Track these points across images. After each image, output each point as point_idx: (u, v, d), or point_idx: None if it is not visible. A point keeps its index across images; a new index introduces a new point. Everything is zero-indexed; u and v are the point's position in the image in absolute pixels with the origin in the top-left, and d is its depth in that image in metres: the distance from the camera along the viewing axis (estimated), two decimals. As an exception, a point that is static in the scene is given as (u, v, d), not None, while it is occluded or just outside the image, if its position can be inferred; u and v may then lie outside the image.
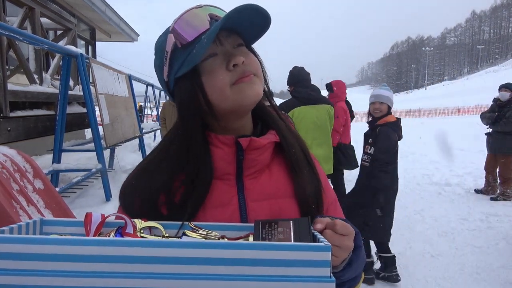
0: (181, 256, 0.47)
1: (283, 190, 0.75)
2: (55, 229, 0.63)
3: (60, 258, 0.46)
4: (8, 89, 3.09)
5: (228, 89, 0.68)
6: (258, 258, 0.47)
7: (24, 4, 3.89)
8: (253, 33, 0.74)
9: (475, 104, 26.71)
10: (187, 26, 0.68)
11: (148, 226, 0.62)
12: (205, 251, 0.47)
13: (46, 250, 0.46)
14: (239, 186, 0.74)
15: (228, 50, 0.70)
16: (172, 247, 0.47)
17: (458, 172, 7.16)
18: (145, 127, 7.37)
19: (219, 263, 0.47)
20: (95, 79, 3.95)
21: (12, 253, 0.46)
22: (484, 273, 3.26)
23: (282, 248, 0.48)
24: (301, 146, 0.82)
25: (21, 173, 2.04)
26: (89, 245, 0.47)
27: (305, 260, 0.47)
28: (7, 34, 2.71)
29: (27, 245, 0.46)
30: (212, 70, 0.69)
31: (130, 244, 0.47)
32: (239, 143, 0.72)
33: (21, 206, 1.84)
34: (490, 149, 5.71)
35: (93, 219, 0.59)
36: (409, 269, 3.40)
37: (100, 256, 0.46)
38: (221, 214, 0.71)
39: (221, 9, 0.72)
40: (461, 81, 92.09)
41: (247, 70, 0.69)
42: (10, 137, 3.14)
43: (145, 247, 0.46)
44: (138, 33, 10.85)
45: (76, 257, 0.46)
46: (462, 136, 12.10)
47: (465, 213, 4.86)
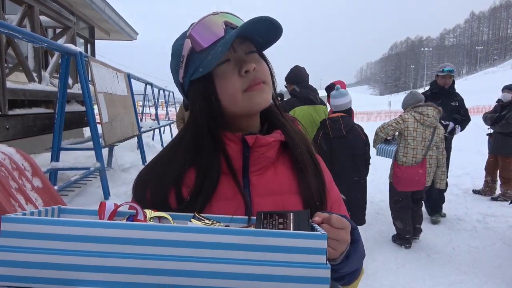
0: (188, 240, 0.50)
1: (288, 187, 0.78)
2: (72, 217, 0.67)
3: (77, 238, 0.51)
4: (7, 87, 3.09)
5: (240, 95, 0.73)
6: (259, 244, 0.51)
7: (23, 2, 3.88)
8: (265, 41, 0.79)
9: (473, 105, 26.74)
10: (203, 32, 0.72)
11: (157, 216, 0.66)
12: (211, 236, 0.51)
13: (65, 231, 0.51)
14: (245, 182, 0.77)
15: (240, 57, 0.75)
16: (179, 231, 0.51)
17: (456, 173, 7.18)
18: (144, 126, 7.37)
19: (224, 247, 0.51)
20: (94, 77, 3.95)
21: (34, 233, 0.50)
22: (481, 273, 3.28)
23: (281, 236, 0.51)
24: (307, 145, 0.85)
25: (20, 172, 2.04)
26: (103, 227, 0.51)
27: (302, 247, 0.51)
28: (6, 32, 2.71)
29: (49, 226, 0.51)
30: (225, 76, 0.74)
31: (140, 228, 0.51)
32: (246, 141, 0.75)
33: (19, 205, 1.85)
34: (491, 150, 5.70)
35: (106, 208, 0.63)
36: (406, 268, 3.41)
37: (112, 238, 0.50)
38: (227, 208, 0.74)
39: (236, 16, 0.76)
40: (460, 82, 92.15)
41: (258, 77, 0.74)
42: (8, 135, 3.14)
43: (154, 230, 0.51)
44: (137, 32, 10.84)
45: (91, 238, 0.50)
46: (460, 136, 12.13)
47: (462, 214, 4.88)
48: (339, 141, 3.20)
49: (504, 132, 5.43)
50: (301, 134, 0.86)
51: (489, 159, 5.78)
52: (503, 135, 5.47)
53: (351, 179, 3.20)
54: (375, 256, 3.61)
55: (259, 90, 0.74)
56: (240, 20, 0.76)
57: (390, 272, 3.35)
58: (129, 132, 5.12)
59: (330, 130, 3.20)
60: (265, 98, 0.76)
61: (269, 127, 0.84)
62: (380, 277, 3.23)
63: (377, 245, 3.91)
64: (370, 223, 4.41)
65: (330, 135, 3.20)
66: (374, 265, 3.42)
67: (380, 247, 3.86)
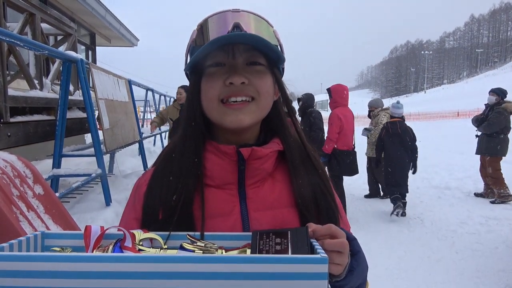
0: (177, 271, 0.47)
1: (287, 199, 0.73)
2: (57, 242, 0.63)
3: (59, 275, 0.47)
4: (8, 94, 3.10)
5: (216, 103, 0.69)
6: (254, 271, 0.47)
7: (24, 10, 3.90)
8: (274, 57, 0.72)
9: (474, 107, 26.70)
10: (210, 27, 0.69)
11: (148, 238, 0.62)
12: (200, 265, 0.47)
13: (45, 267, 0.47)
14: (241, 195, 0.72)
15: (235, 65, 0.69)
16: (164, 262, 0.47)
17: (458, 176, 7.17)
18: (145, 131, 7.38)
19: (214, 277, 0.47)
20: (95, 84, 3.96)
21: (12, 271, 0.47)
22: (484, 277, 3.25)
23: (278, 261, 0.47)
24: (309, 153, 0.79)
25: (21, 179, 2.04)
26: (85, 261, 0.47)
27: (301, 273, 0.47)
28: (7, 40, 2.73)
29: (27, 262, 0.47)
30: (211, 78, 0.70)
31: (125, 260, 0.47)
32: (241, 153, 0.70)
33: (21, 212, 1.85)
34: (477, 150, 5.92)
35: (92, 232, 0.60)
36: (409, 273, 3.39)
37: (97, 273, 0.47)
38: (223, 224, 0.69)
39: (260, 17, 0.72)
40: (461, 84, 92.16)
41: (243, 92, 0.69)
42: (10, 143, 3.15)
43: (138, 262, 0.47)
44: (138, 38, 10.90)
45: (75, 274, 0.47)
46: (462, 139, 12.11)
47: (464, 217, 4.86)
48: (395, 137, 4.97)
49: (487, 132, 5.64)
50: (303, 142, 0.81)
51: (481, 161, 5.89)
52: (487, 136, 5.66)
53: (402, 161, 4.98)
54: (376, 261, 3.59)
55: (234, 108, 0.69)
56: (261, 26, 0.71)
57: (392, 277, 3.33)
58: (130, 138, 5.13)
59: (390, 130, 5.01)
60: (240, 119, 0.69)
61: (267, 135, 0.79)
62: (383, 283, 3.21)
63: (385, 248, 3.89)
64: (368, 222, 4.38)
65: (390, 132, 5.00)
66: (375, 271, 3.40)
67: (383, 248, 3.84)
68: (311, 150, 0.81)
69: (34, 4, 4.00)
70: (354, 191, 6.29)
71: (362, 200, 5.91)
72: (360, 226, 4.64)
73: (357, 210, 5.34)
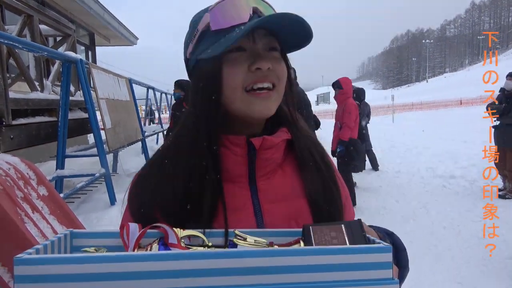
0: (244, 266, 0.44)
1: (298, 189, 0.72)
2: (86, 242, 0.58)
3: (105, 277, 0.42)
4: (9, 97, 3.11)
5: (240, 92, 0.66)
6: (318, 263, 0.46)
7: (22, 12, 3.90)
8: (292, 43, 0.70)
9: (477, 95, 26.53)
10: (226, 12, 0.64)
11: (187, 235, 0.59)
12: (265, 259, 0.45)
13: (91, 269, 0.42)
14: (252, 188, 0.70)
15: (258, 50, 0.66)
16: (232, 257, 0.44)
17: (462, 164, 7.13)
18: (147, 130, 7.39)
19: (278, 271, 0.45)
20: (96, 84, 3.97)
21: (53, 275, 0.41)
22: (491, 265, 3.25)
23: (342, 252, 0.47)
24: (315, 144, 0.79)
25: (25, 181, 2.05)
26: (141, 260, 0.43)
27: (365, 263, 0.46)
28: (6, 43, 2.73)
29: (70, 265, 0.42)
30: (234, 64, 0.65)
31: (192, 257, 0.44)
32: (251, 143, 0.68)
33: (26, 213, 1.85)
34: (498, 143, 5.34)
35: (130, 231, 0.56)
36: (415, 262, 3.39)
37: (163, 272, 0.43)
38: (237, 217, 0.66)
39: (269, 5, 0.68)
40: (463, 72, 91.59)
41: (268, 78, 0.66)
42: (13, 145, 3.16)
43: (204, 259, 0.44)
44: (137, 36, 10.88)
45: (143, 274, 0.42)
46: (465, 127, 12.05)
47: (470, 205, 4.84)
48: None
49: None
50: (308, 132, 0.80)
51: (499, 153, 5.20)
52: (508, 126, 5.17)
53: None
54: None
55: (263, 97, 0.66)
56: (273, 11, 0.67)
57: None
58: (132, 137, 5.14)
59: None
60: (267, 106, 0.67)
61: (274, 125, 0.76)
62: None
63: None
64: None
65: None
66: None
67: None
68: (316, 139, 0.80)
69: (32, 6, 4.00)
70: (359, 182, 6.28)
71: (366, 191, 5.90)
72: (365, 218, 4.63)
73: (361, 201, 5.33)
